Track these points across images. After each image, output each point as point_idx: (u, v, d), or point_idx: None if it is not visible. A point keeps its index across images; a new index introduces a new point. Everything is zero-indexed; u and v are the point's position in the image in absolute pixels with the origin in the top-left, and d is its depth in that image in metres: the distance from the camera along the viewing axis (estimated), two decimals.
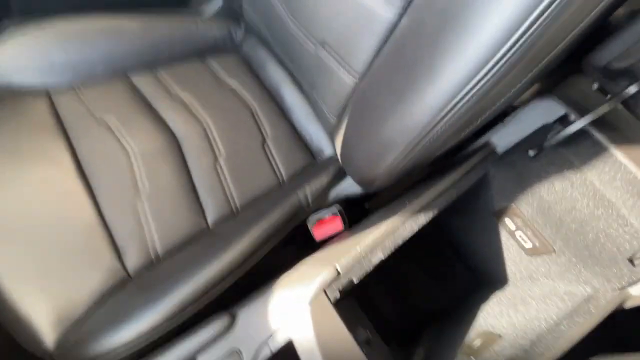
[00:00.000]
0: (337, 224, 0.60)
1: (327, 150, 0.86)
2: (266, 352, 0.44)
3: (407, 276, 0.76)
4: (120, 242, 0.67)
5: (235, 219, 0.72)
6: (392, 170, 0.55)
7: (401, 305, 0.71)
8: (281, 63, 0.89)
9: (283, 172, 0.81)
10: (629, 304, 0.46)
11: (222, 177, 0.77)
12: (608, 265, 0.46)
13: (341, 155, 0.63)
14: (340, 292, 0.44)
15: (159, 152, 0.76)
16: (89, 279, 0.63)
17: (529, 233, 0.52)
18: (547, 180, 0.47)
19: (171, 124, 0.80)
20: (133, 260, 0.66)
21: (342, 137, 0.67)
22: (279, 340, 0.44)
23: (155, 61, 0.88)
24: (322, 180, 0.79)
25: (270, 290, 0.47)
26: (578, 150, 0.46)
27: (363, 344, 0.42)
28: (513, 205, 0.52)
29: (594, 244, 0.46)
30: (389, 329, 0.68)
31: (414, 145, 0.42)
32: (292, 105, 0.89)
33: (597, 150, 0.45)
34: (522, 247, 0.55)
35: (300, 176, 0.80)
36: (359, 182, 0.62)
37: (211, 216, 0.73)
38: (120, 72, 0.85)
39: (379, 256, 0.46)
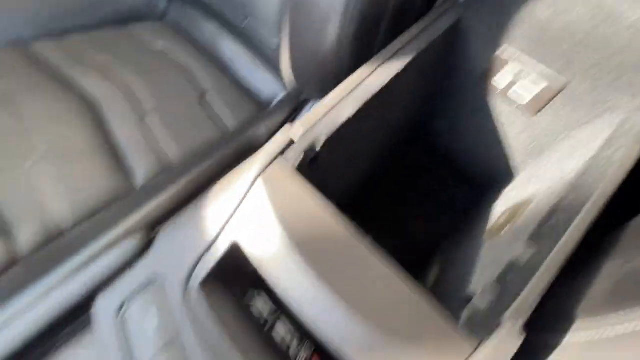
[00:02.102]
0: None
1: (280, 94, 0.74)
2: (202, 269, 0.28)
3: (402, 211, 0.62)
4: (8, 219, 0.49)
5: (168, 172, 0.56)
6: (342, 43, 0.44)
7: (403, 241, 0.56)
8: (212, 13, 0.79)
9: (229, 122, 0.68)
10: None
11: (152, 134, 0.62)
12: (633, 74, 0.36)
13: (291, 60, 0.52)
14: (304, 155, 0.30)
15: (67, 116, 0.61)
16: None
17: (528, 78, 0.41)
18: None
19: (84, 89, 0.67)
20: (25, 238, 0.48)
21: (287, 47, 0.56)
22: (219, 250, 0.28)
23: (62, 29, 0.76)
24: (277, 118, 0.67)
25: (202, 199, 0.32)
26: None
27: None
28: (500, 51, 0.42)
29: (609, 55, 0.37)
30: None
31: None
32: (232, 58, 0.79)
33: None
34: (522, 108, 0.44)
35: (250, 121, 0.67)
36: (319, 86, 0.50)
37: (140, 176, 0.57)
38: (18, 40, 0.71)
39: (348, 110, 0.33)
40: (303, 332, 0.31)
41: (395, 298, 0.24)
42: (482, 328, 0.24)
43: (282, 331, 0.30)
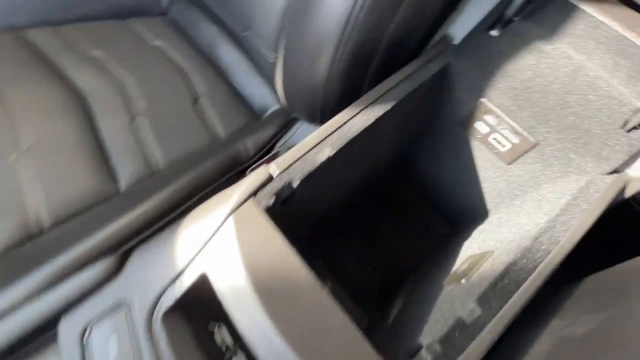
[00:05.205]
0: None
1: (273, 107, 0.75)
2: (169, 298, 0.29)
3: (377, 237, 0.64)
4: None
5: (153, 178, 0.57)
6: (333, 75, 0.45)
7: (375, 266, 0.58)
8: (213, 18, 0.79)
9: (219, 130, 0.68)
10: (629, 191, 0.38)
11: (141, 136, 0.62)
12: (601, 140, 0.38)
13: (284, 84, 0.53)
14: (275, 198, 0.31)
15: (56, 108, 0.61)
16: None
17: (505, 130, 0.43)
18: (516, 56, 0.40)
19: (77, 81, 0.66)
20: (3, 235, 0.48)
21: (281, 68, 0.57)
22: (187, 280, 0.29)
23: (61, 19, 0.75)
24: (266, 132, 0.68)
25: (177, 225, 0.33)
26: (543, 18, 0.40)
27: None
28: (483, 100, 0.44)
29: (581, 120, 0.39)
30: (364, 291, 0.55)
31: (340, 35, 0.36)
32: (229, 64, 0.79)
33: (564, 13, 0.39)
34: (500, 155, 0.46)
35: (240, 131, 0.68)
36: (306, 111, 0.51)
37: (125, 179, 0.57)
38: (13, 27, 0.71)
39: (325, 153, 0.34)
40: None
41: (345, 349, 0.25)
42: None
43: None
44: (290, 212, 0.34)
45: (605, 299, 0.31)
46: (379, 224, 0.64)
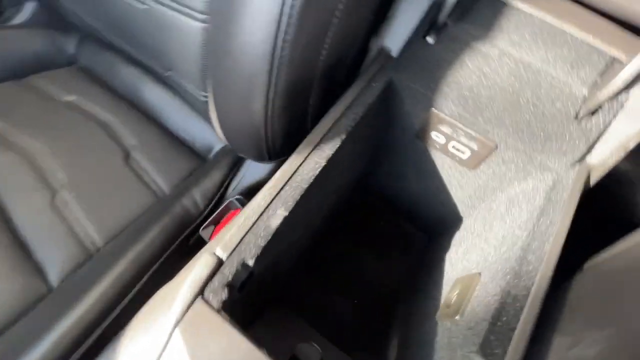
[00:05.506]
0: None
1: (218, 145, 0.69)
2: None
3: (359, 264, 0.60)
4: None
5: (90, 263, 0.49)
6: (271, 115, 0.40)
7: (361, 300, 0.54)
8: (130, 59, 0.71)
9: (161, 183, 0.61)
10: (594, 179, 0.37)
11: (67, 214, 0.53)
12: (557, 135, 0.37)
13: (221, 127, 0.47)
14: (229, 288, 0.26)
15: None
16: None
17: (462, 138, 0.41)
18: (458, 62, 0.38)
19: None
20: None
21: (214, 110, 0.51)
22: None
23: None
24: (214, 178, 0.61)
25: (114, 348, 0.26)
26: (475, 19, 0.38)
27: None
28: (433, 111, 0.41)
29: (535, 117, 0.37)
30: (355, 335, 0.50)
31: (268, 73, 0.33)
32: (159, 106, 0.71)
33: (495, 11, 0.37)
34: (462, 162, 0.44)
35: (185, 181, 0.61)
36: (252, 153, 0.46)
37: (55, 273, 0.48)
38: None
39: (279, 214, 0.29)
40: None
41: None
42: None
43: None
44: (251, 288, 0.28)
45: (602, 302, 0.29)
46: (357, 251, 0.60)
